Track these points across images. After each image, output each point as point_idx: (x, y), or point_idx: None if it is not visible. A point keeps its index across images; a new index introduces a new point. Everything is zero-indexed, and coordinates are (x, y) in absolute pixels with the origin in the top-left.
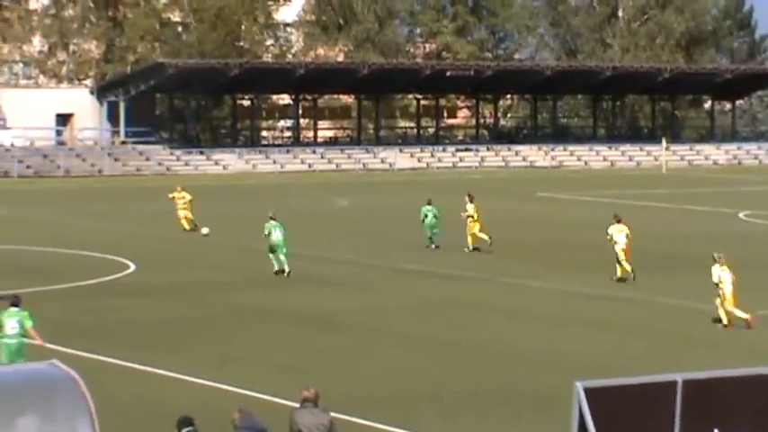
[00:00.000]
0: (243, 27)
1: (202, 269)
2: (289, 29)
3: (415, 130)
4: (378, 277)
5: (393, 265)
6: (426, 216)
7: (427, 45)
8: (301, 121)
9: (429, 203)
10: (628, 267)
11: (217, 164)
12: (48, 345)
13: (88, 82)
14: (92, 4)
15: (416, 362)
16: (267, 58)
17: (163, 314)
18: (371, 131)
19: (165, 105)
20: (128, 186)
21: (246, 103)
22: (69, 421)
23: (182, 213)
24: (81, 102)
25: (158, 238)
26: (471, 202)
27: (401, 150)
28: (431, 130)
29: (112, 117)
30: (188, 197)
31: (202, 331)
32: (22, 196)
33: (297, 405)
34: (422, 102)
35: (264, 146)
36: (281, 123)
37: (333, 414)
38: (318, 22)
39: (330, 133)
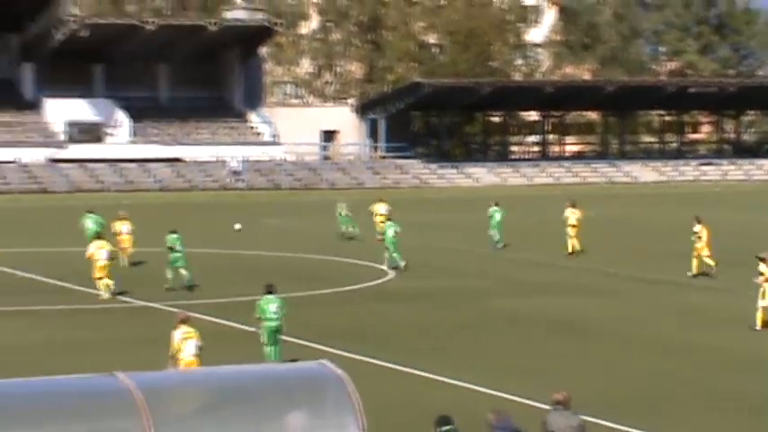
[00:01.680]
0: (494, 48)
1: (456, 276)
2: (537, 49)
3: (659, 145)
4: (626, 286)
5: (641, 274)
6: (492, 216)
7: (671, 63)
8: (549, 136)
9: (496, 204)
10: None
11: (468, 177)
12: (316, 345)
13: (351, 101)
14: (355, 29)
15: (666, 368)
16: (517, 77)
17: (420, 318)
18: (616, 146)
19: (420, 122)
20: (386, 199)
21: (497, 119)
22: (337, 417)
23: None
24: (344, 119)
25: (414, 247)
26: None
27: (645, 164)
28: (674, 145)
29: (373, 133)
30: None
31: (457, 335)
32: (292, 207)
33: (548, 408)
34: (665, 118)
35: (513, 160)
36: (530, 138)
37: (583, 417)
38: (566, 43)
39: (576, 148)
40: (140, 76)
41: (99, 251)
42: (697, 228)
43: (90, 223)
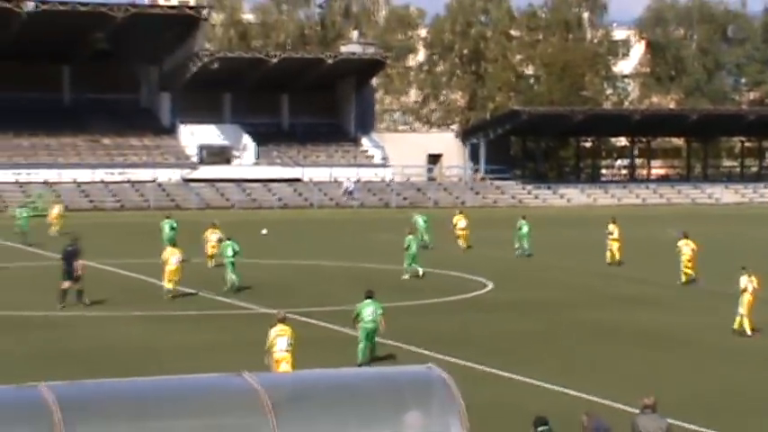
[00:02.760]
0: (586, 79)
1: (549, 289)
2: (626, 80)
3: (739, 169)
4: (710, 299)
5: (723, 288)
6: (521, 228)
7: (751, 93)
8: (636, 160)
9: (523, 218)
10: None
11: (562, 197)
12: (423, 351)
13: (454, 127)
14: (459, 61)
15: (751, 376)
16: (607, 105)
17: (516, 327)
18: (699, 170)
19: (518, 146)
20: (485, 216)
21: (588, 144)
22: (443, 416)
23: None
24: (448, 144)
25: (510, 261)
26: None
27: (726, 187)
28: (753, 169)
29: (474, 156)
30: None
31: (550, 343)
32: (400, 223)
33: (637, 411)
34: (745, 143)
35: (604, 182)
36: (619, 162)
37: (669, 420)
38: (653, 74)
39: (662, 171)
40: (264, 104)
41: (171, 257)
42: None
43: (167, 228)
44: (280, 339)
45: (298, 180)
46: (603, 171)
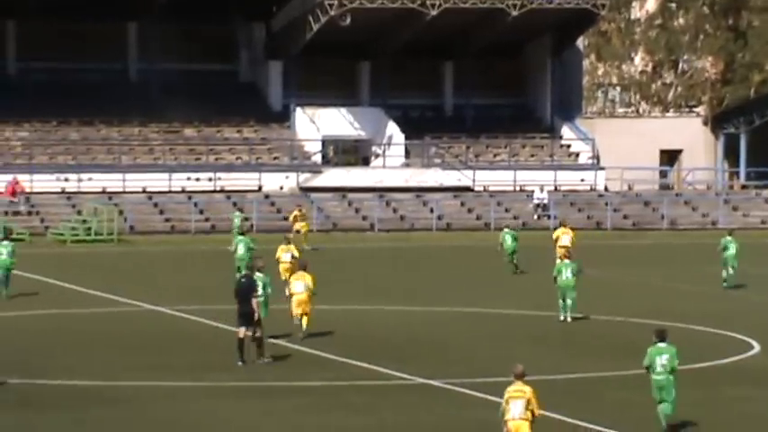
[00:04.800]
0: None
1: None
2: None
3: None
4: None
5: None
6: (726, 248)
7: None
8: None
9: (730, 234)
10: None
11: None
12: None
13: (700, 110)
14: (708, 11)
15: None
16: None
17: None
18: None
19: None
20: (748, 243)
21: None
22: None
23: None
24: (691, 135)
25: None
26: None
27: None
28: None
29: (730, 154)
30: None
31: None
32: (618, 253)
33: None
34: None
35: None
36: None
37: None
38: None
39: None
40: (418, 78)
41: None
42: None
43: (241, 248)
44: (514, 403)
45: (467, 189)
46: None
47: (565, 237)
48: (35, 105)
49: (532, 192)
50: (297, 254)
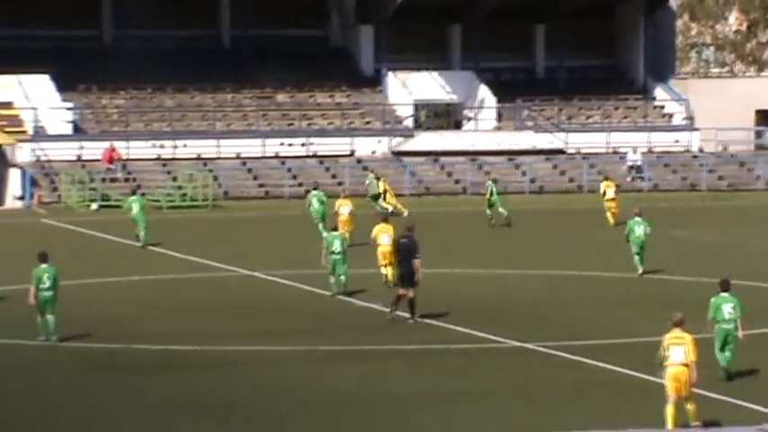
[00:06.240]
0: None
1: None
2: None
3: None
4: None
5: None
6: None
7: None
8: None
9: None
10: None
11: None
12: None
13: None
14: None
15: None
16: None
17: None
18: None
19: None
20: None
21: None
22: None
23: None
24: None
25: None
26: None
27: None
28: None
29: None
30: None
31: None
32: (712, 215)
33: None
34: None
35: None
36: None
37: None
38: None
39: None
40: (510, 41)
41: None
42: None
43: (315, 202)
44: (674, 350)
45: (559, 152)
46: None
47: (609, 190)
48: (130, 73)
49: (626, 154)
50: (353, 208)
